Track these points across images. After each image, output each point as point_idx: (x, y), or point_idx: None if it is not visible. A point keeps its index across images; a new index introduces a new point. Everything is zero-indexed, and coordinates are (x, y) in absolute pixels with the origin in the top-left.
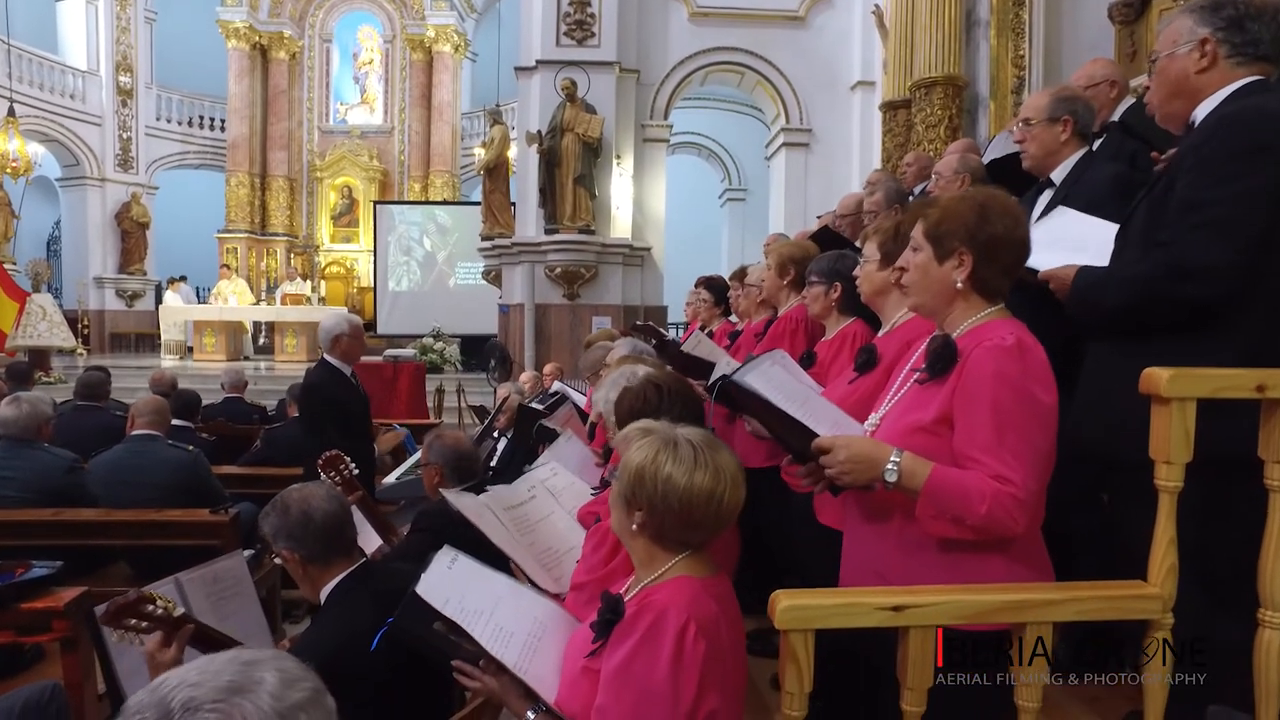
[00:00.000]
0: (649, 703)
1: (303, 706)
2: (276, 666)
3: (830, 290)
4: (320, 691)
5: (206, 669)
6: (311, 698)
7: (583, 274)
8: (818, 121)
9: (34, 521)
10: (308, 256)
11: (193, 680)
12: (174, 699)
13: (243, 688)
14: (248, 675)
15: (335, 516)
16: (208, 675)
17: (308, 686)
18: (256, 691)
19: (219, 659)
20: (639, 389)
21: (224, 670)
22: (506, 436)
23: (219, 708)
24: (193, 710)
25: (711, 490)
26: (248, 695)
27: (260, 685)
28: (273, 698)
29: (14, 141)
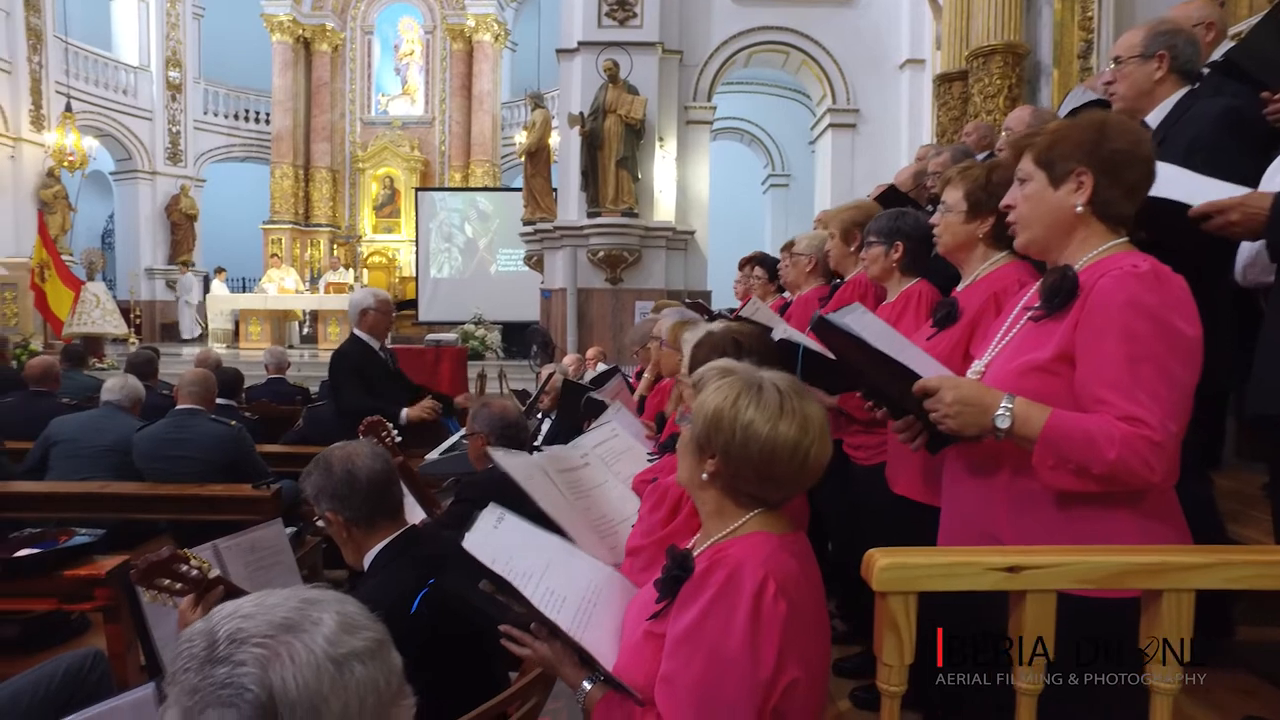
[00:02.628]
0: (722, 670)
1: (359, 655)
2: (339, 609)
3: (890, 250)
4: (383, 644)
5: (264, 602)
6: (371, 648)
7: (625, 258)
8: (865, 101)
9: (81, 494)
10: (350, 246)
11: (246, 612)
12: (221, 630)
13: (297, 626)
14: (305, 614)
15: (381, 475)
16: (263, 609)
17: (369, 636)
18: (311, 632)
19: (280, 593)
20: (719, 338)
21: (281, 606)
22: (550, 417)
23: (266, 644)
24: (238, 643)
25: (797, 442)
26: (300, 635)
27: (317, 626)
28: (327, 641)
29: (71, 136)
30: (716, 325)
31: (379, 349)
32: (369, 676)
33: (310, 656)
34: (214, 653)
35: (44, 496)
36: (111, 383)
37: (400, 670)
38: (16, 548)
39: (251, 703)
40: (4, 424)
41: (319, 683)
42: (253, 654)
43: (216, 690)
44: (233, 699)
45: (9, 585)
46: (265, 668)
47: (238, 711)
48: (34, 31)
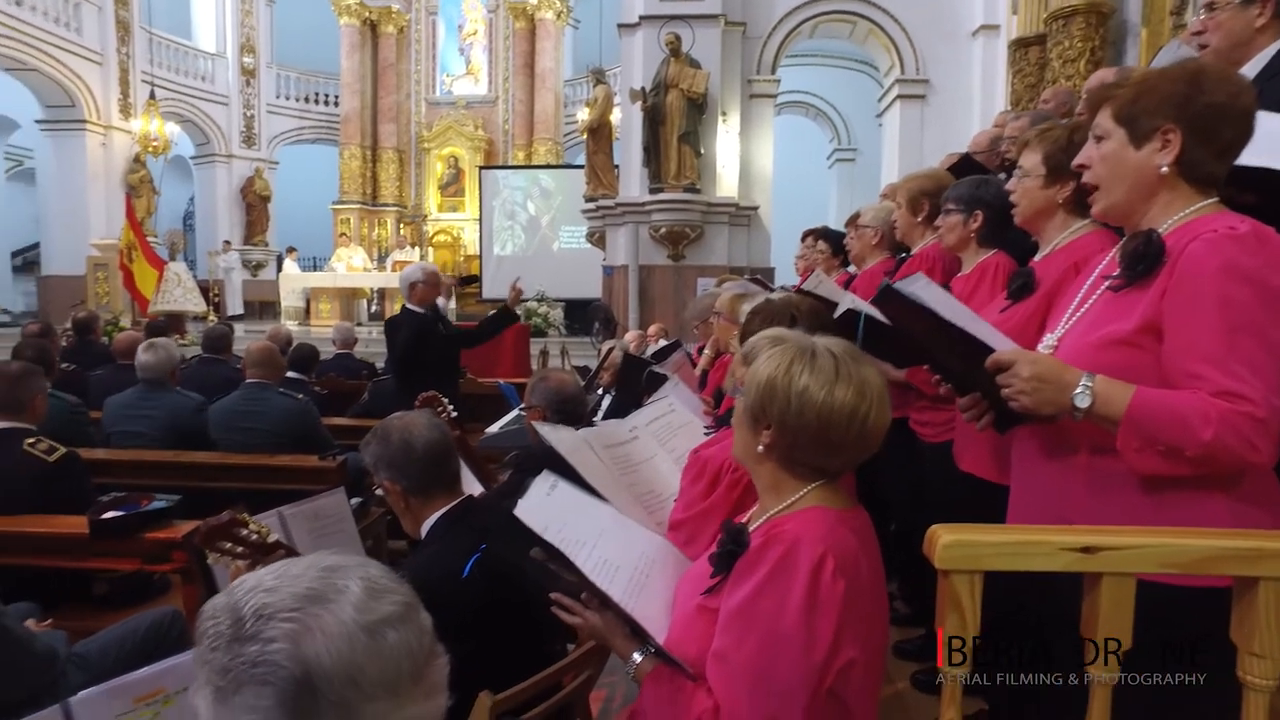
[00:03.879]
0: (777, 648)
1: (390, 622)
2: (362, 574)
3: (970, 219)
4: (412, 607)
5: (285, 573)
6: (401, 613)
7: (688, 234)
8: (935, 71)
9: (158, 462)
10: (416, 226)
11: (268, 585)
12: (246, 605)
13: (323, 596)
14: (329, 583)
15: (438, 445)
16: (285, 580)
17: (397, 600)
18: (338, 602)
19: (300, 563)
20: (774, 309)
21: (303, 576)
22: (610, 393)
23: (295, 618)
24: (265, 619)
25: (854, 408)
26: (327, 605)
27: (343, 595)
28: (356, 610)
29: (155, 123)
30: (774, 295)
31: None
32: (402, 641)
33: (342, 627)
34: (241, 630)
35: (126, 463)
36: (142, 358)
37: (431, 629)
38: (103, 510)
39: (287, 679)
40: (95, 396)
41: (354, 653)
42: (282, 629)
43: (249, 669)
44: (267, 677)
45: (98, 545)
46: (297, 642)
47: (275, 689)
48: (122, 24)
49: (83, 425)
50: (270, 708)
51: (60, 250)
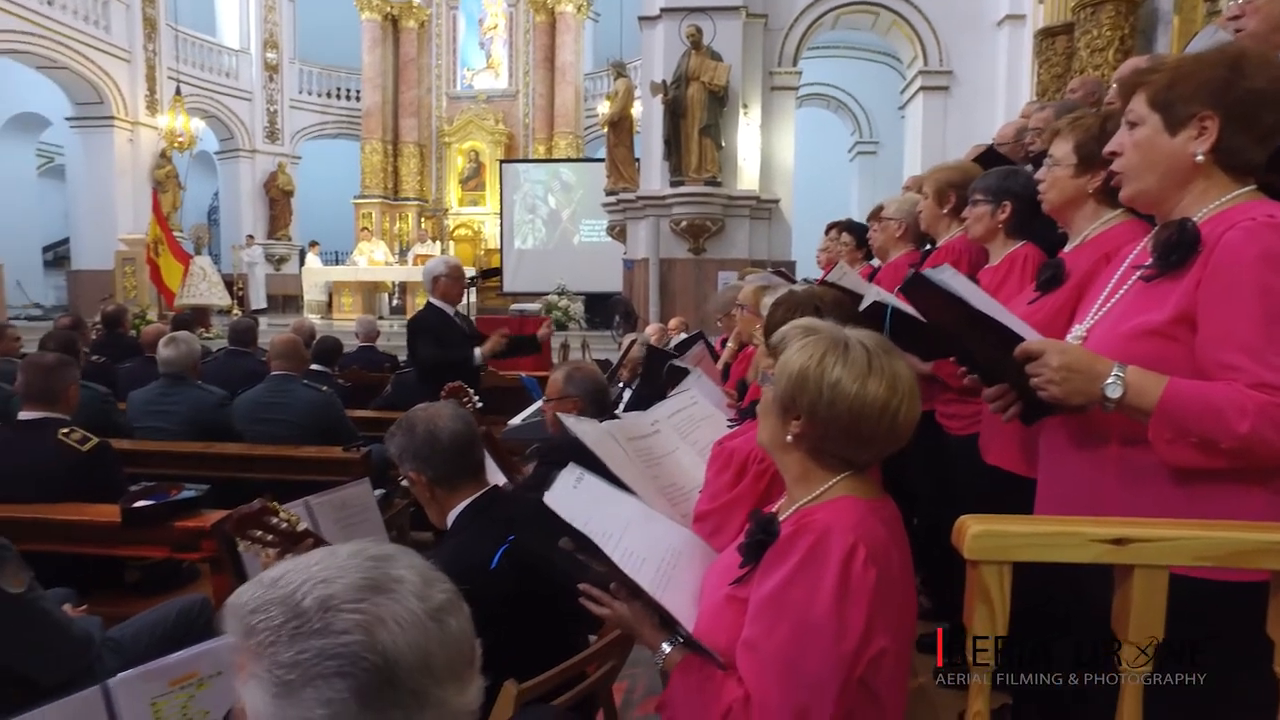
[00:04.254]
0: (808, 637)
1: (448, 609)
2: (409, 563)
3: (998, 210)
4: (458, 594)
5: (330, 564)
6: (454, 600)
7: (708, 227)
8: (959, 62)
9: (186, 453)
10: (437, 220)
11: (321, 576)
12: (304, 596)
13: (383, 586)
14: (383, 572)
15: (462, 436)
16: (334, 570)
17: (448, 587)
18: (399, 591)
19: (341, 553)
20: (798, 299)
21: (351, 565)
22: (630, 388)
23: (362, 609)
24: (333, 610)
25: (886, 402)
26: (390, 595)
27: (401, 584)
28: (419, 599)
29: (180, 119)
30: (798, 287)
31: (454, 314)
32: (461, 627)
33: (411, 615)
34: (305, 623)
35: (154, 454)
36: (164, 353)
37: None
38: (134, 499)
39: (370, 669)
40: (124, 387)
41: (426, 640)
42: (352, 620)
43: (321, 662)
44: (343, 669)
45: (129, 533)
46: (371, 633)
47: (352, 680)
48: (149, 21)
49: (112, 415)
50: (346, 700)
51: (89, 245)
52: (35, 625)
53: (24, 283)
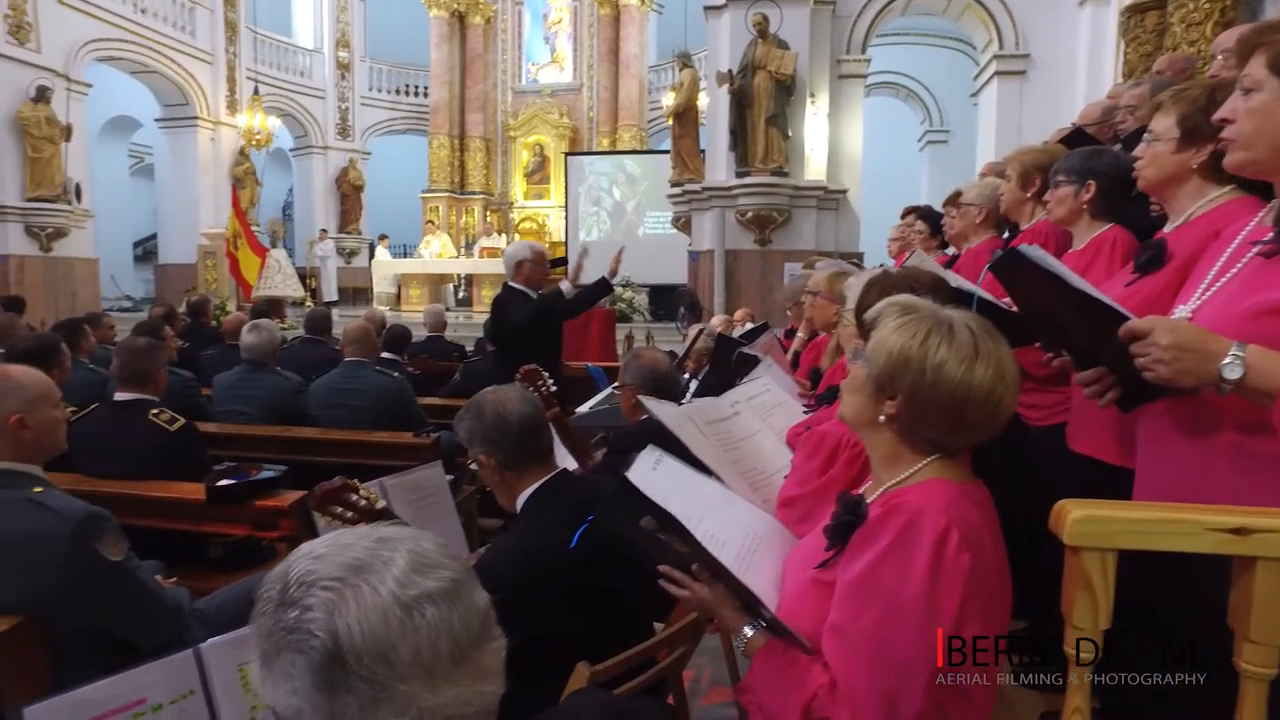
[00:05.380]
0: (898, 621)
1: (432, 597)
2: (411, 548)
3: (1082, 190)
4: (462, 584)
5: (337, 543)
6: (447, 589)
7: (775, 218)
8: (1036, 46)
9: (265, 436)
10: (502, 213)
11: (318, 553)
12: (293, 571)
13: (367, 567)
14: (376, 554)
15: (531, 419)
16: (335, 550)
17: (444, 576)
18: (381, 574)
19: (356, 533)
20: (895, 280)
21: (354, 546)
22: (696, 379)
23: (334, 587)
24: (307, 586)
25: (992, 389)
26: (369, 577)
27: (387, 567)
28: (397, 583)
29: (258, 117)
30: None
31: (535, 297)
32: (441, 619)
33: (376, 600)
34: (285, 595)
35: (234, 436)
36: (246, 339)
37: (486, 610)
38: (218, 478)
39: (318, 649)
40: (206, 373)
41: (385, 628)
42: (320, 598)
43: (286, 635)
44: (300, 645)
45: (213, 511)
46: (331, 613)
47: (306, 659)
48: (230, 25)
49: (196, 399)
50: (303, 675)
51: (175, 240)
52: (132, 591)
53: (117, 276)
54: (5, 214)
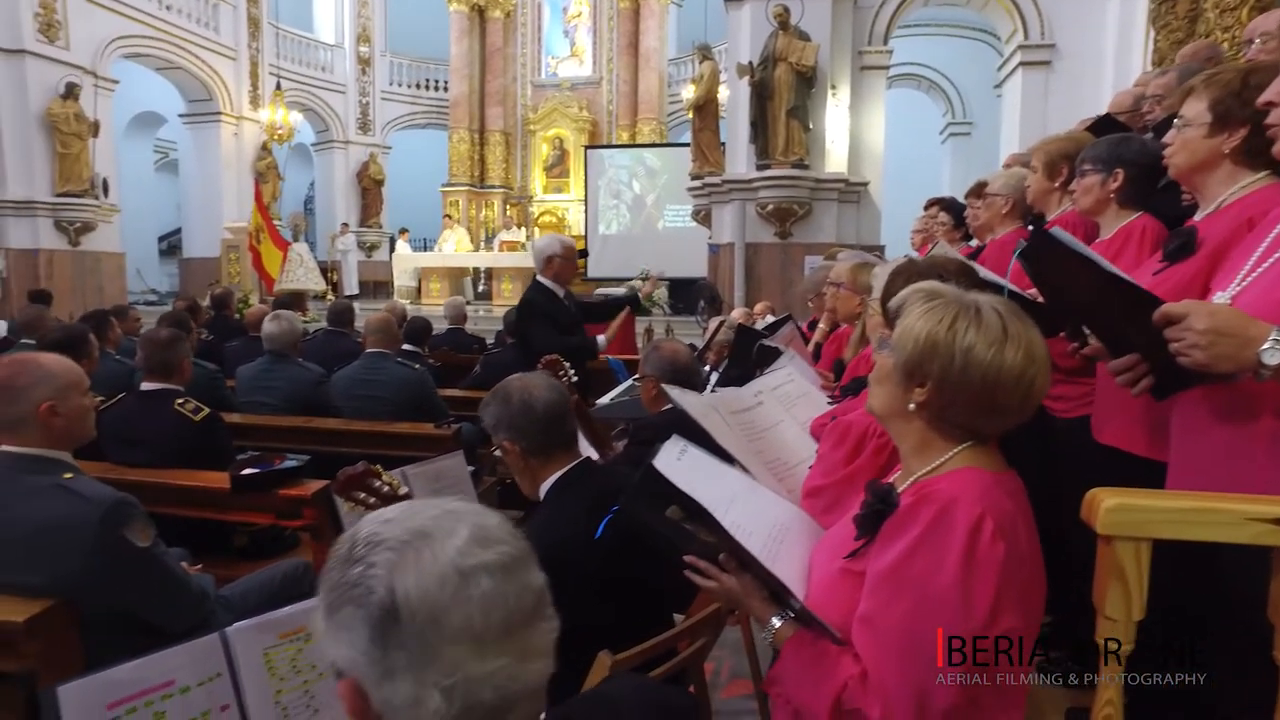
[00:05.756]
0: (931, 611)
1: (487, 568)
2: (476, 522)
3: (1109, 179)
4: (520, 561)
5: (408, 510)
6: (504, 563)
7: (795, 211)
8: (1062, 35)
9: (288, 426)
10: (522, 207)
11: (387, 517)
12: (361, 532)
13: (431, 534)
14: (441, 524)
15: (557, 406)
16: (404, 516)
17: (503, 551)
18: (443, 542)
19: (426, 503)
20: (921, 268)
21: (422, 514)
22: (717, 371)
23: (398, 548)
24: (372, 545)
25: (1023, 370)
26: (431, 543)
27: (450, 537)
28: (458, 552)
29: (280, 112)
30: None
31: (563, 296)
32: (496, 591)
33: (435, 565)
34: (352, 553)
35: (257, 427)
36: (268, 329)
37: (540, 591)
38: (241, 467)
39: (377, 604)
40: (230, 365)
41: (441, 591)
42: (384, 558)
43: (350, 589)
44: (361, 598)
45: (237, 499)
46: (392, 571)
47: (365, 611)
48: (253, 20)
49: (221, 391)
50: (360, 628)
51: (199, 234)
52: (159, 577)
53: (142, 270)
54: (35, 209)
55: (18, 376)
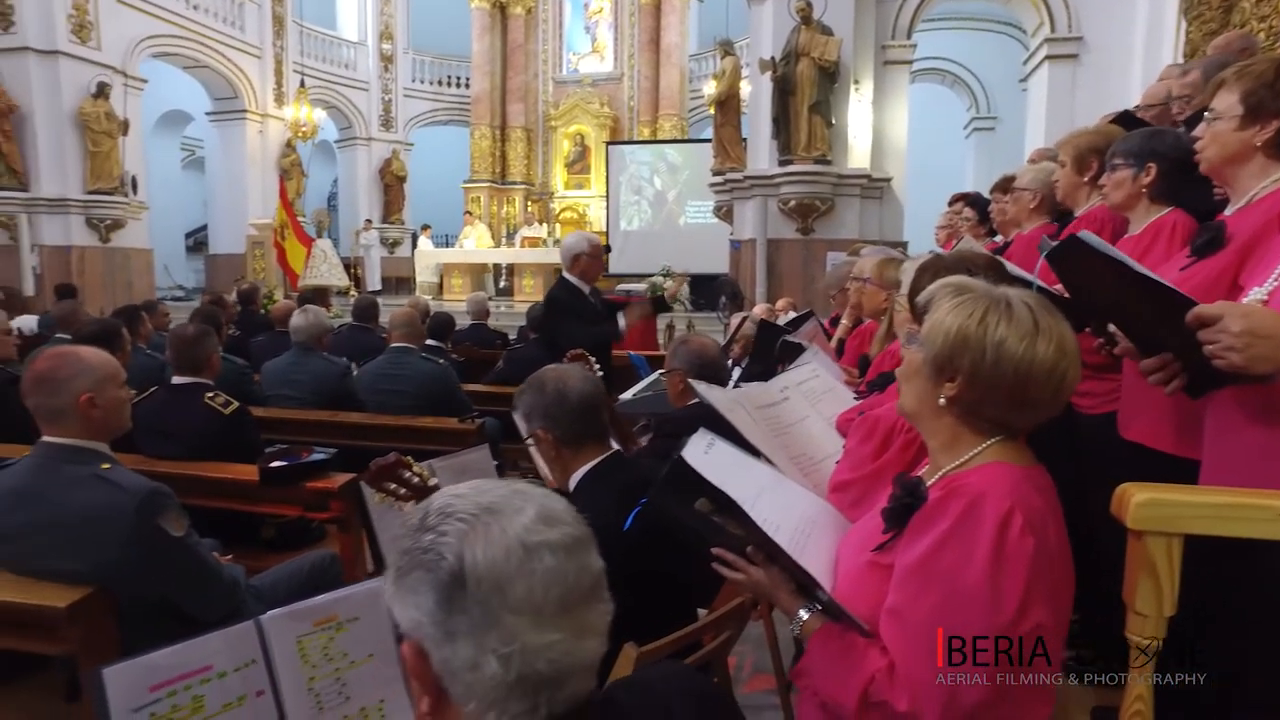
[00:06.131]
0: (959, 605)
1: (550, 546)
2: (543, 504)
3: (1141, 173)
4: (581, 542)
5: (479, 487)
6: (567, 543)
7: (818, 207)
8: (1090, 27)
9: (314, 420)
10: (543, 203)
11: (459, 492)
12: (434, 504)
13: (499, 510)
14: (510, 502)
15: (591, 398)
16: (475, 491)
17: (566, 532)
18: (511, 518)
19: (496, 483)
20: (948, 264)
21: (492, 492)
22: (740, 366)
23: (468, 520)
24: (445, 516)
25: (1055, 364)
26: (500, 518)
27: (518, 514)
28: (524, 529)
29: (304, 110)
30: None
31: (588, 293)
32: (557, 567)
33: (503, 538)
34: (424, 522)
35: (285, 421)
36: (295, 322)
37: (599, 573)
38: (270, 460)
39: (445, 569)
40: (256, 360)
41: (506, 563)
42: (455, 527)
43: (420, 554)
44: (431, 563)
45: (266, 492)
46: (462, 540)
47: (434, 576)
48: (278, 19)
49: (249, 386)
50: (427, 591)
51: (224, 231)
52: (192, 565)
53: (170, 267)
54: (68, 206)
55: (59, 369)
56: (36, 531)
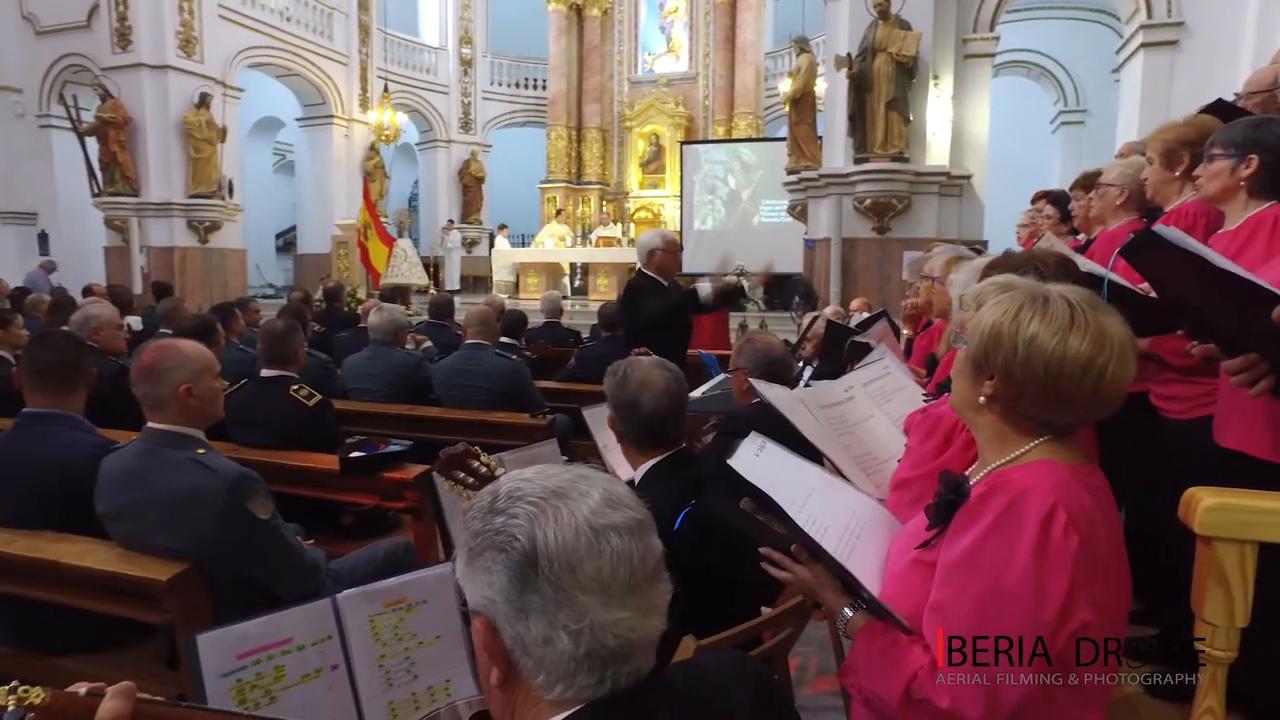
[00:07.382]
0: (1001, 602)
1: (617, 528)
2: (608, 488)
3: (1241, 165)
4: (644, 524)
5: (546, 471)
6: (631, 526)
7: (894, 205)
8: (1191, 11)
9: (391, 414)
10: (618, 203)
11: (527, 476)
12: (502, 488)
13: (567, 494)
14: (576, 486)
15: (661, 414)
16: (542, 476)
17: (631, 515)
18: (578, 501)
19: (560, 468)
20: (1016, 263)
21: (558, 476)
22: (812, 365)
23: (537, 503)
24: (514, 499)
25: (1090, 359)
26: (568, 501)
27: (584, 497)
28: (591, 511)
29: (387, 114)
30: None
31: (667, 286)
32: (624, 548)
33: (573, 520)
34: (495, 505)
35: (362, 414)
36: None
37: (660, 555)
38: (350, 450)
39: (518, 550)
40: (339, 355)
41: (576, 544)
42: (525, 510)
43: (493, 535)
44: (504, 544)
45: (345, 481)
46: (533, 522)
47: (507, 556)
48: (363, 27)
49: (331, 380)
50: (501, 571)
51: (312, 231)
52: (277, 546)
53: (261, 266)
54: (172, 209)
55: (162, 360)
56: (142, 510)
